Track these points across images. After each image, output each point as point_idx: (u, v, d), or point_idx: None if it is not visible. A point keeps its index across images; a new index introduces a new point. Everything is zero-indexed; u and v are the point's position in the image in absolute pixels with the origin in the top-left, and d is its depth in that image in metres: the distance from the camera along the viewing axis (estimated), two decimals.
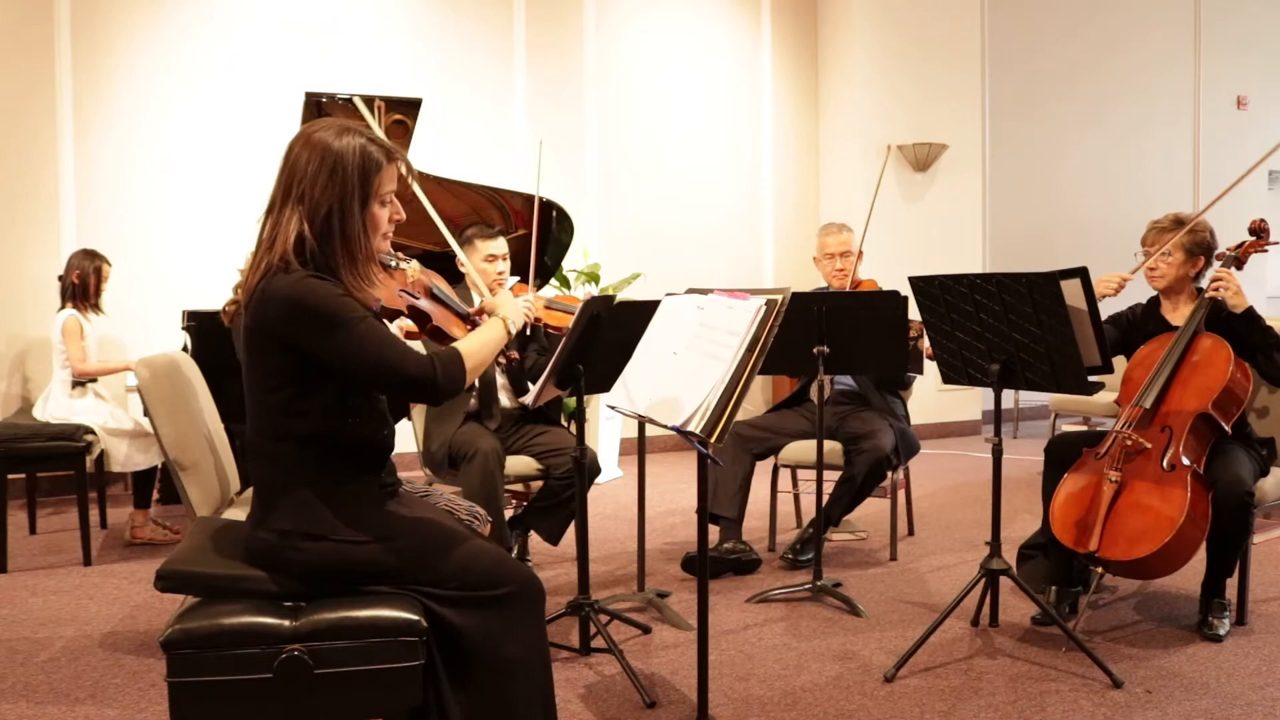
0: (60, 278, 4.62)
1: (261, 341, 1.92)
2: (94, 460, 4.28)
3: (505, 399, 3.86)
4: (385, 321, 2.02)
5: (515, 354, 3.66)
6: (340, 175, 1.89)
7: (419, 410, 3.88)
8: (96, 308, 4.61)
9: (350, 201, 1.90)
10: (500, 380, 3.85)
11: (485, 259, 3.82)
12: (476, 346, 2.02)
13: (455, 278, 4.16)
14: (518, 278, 4.14)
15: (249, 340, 1.94)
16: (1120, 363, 3.34)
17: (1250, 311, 3.19)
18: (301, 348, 1.88)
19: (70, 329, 4.44)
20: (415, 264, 2.17)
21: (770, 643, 3.17)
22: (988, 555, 3.05)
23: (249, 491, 2.18)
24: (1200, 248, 3.34)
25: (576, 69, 6.85)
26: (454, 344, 1.99)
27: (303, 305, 1.85)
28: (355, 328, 1.86)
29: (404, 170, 2.01)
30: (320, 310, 1.85)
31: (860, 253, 4.27)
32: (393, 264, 2.11)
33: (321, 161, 1.89)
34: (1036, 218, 8.34)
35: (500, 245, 3.84)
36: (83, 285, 4.53)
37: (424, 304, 2.14)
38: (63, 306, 4.54)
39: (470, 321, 2.29)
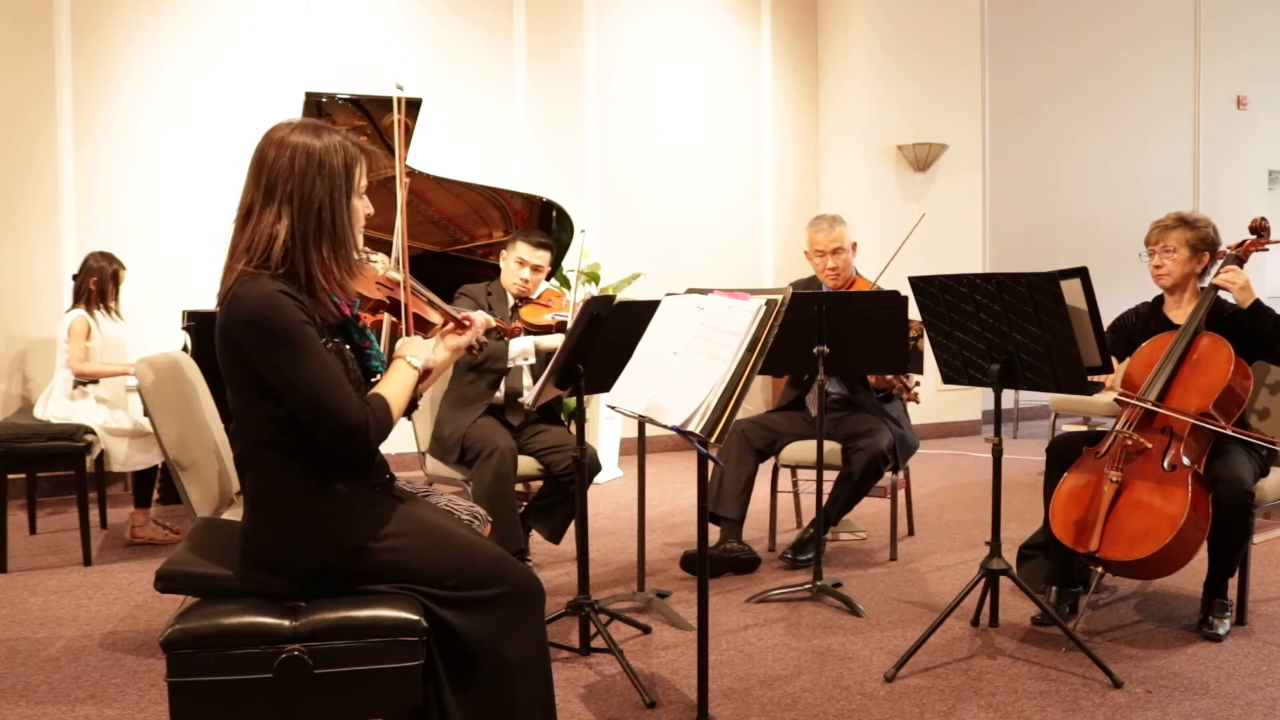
0: (74, 277, 4.62)
1: (231, 353, 1.89)
2: (94, 460, 4.28)
3: (529, 396, 3.86)
4: (352, 334, 2.03)
5: (518, 326, 3.67)
6: (328, 169, 1.91)
7: (431, 398, 3.89)
8: (108, 310, 4.59)
9: (339, 194, 1.92)
10: (527, 380, 3.86)
11: (516, 260, 3.88)
12: (396, 391, 1.98)
13: (457, 279, 4.17)
14: (552, 283, 4.16)
15: (220, 350, 1.91)
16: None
17: (1258, 304, 3.18)
18: (252, 359, 1.85)
19: (76, 329, 4.44)
20: (382, 258, 2.21)
21: (770, 643, 3.17)
22: (988, 555, 3.05)
23: None
24: (1204, 243, 3.34)
25: (576, 69, 6.85)
26: (378, 392, 1.95)
27: (261, 317, 1.82)
28: (306, 355, 1.83)
29: (371, 166, 2.03)
30: (277, 326, 1.82)
31: (854, 244, 4.18)
32: (359, 259, 2.14)
33: (308, 159, 1.89)
34: (1036, 218, 8.34)
35: (537, 255, 3.88)
36: (100, 289, 4.52)
37: (399, 294, 2.16)
38: (74, 306, 4.53)
39: (442, 311, 2.28)
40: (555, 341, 3.75)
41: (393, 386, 1.98)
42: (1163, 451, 3.05)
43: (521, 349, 3.79)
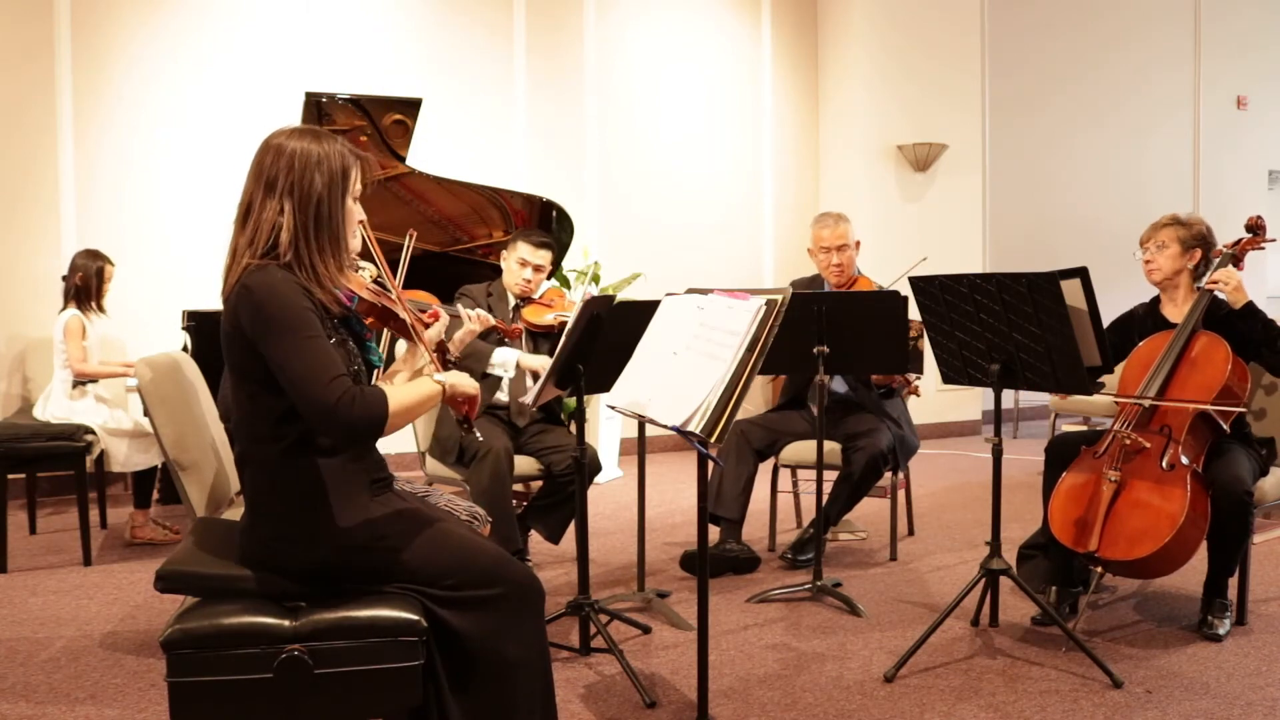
0: (64, 278, 4.62)
1: (237, 345, 1.91)
2: (94, 460, 4.28)
3: (530, 396, 3.86)
4: (347, 331, 2.04)
5: (519, 327, 3.72)
6: (328, 168, 1.96)
7: None
8: (99, 308, 4.60)
9: (337, 192, 1.97)
10: (529, 382, 3.85)
11: (518, 261, 3.86)
12: (404, 394, 1.94)
13: (457, 279, 4.18)
14: (553, 283, 4.16)
15: (226, 345, 1.94)
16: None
17: (1250, 306, 3.18)
18: (256, 347, 1.87)
19: (72, 329, 4.44)
20: (369, 267, 2.21)
21: (770, 643, 3.17)
22: (988, 555, 3.05)
23: None
24: (1196, 240, 3.34)
25: (576, 69, 6.85)
26: (387, 391, 1.92)
27: (267, 303, 1.85)
28: (304, 338, 1.84)
29: (365, 174, 2.07)
30: (281, 312, 1.85)
31: (858, 243, 4.17)
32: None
33: (308, 158, 1.94)
34: (1036, 218, 8.34)
35: (539, 255, 3.86)
36: (85, 286, 4.52)
37: (385, 301, 2.17)
38: (65, 307, 4.53)
39: (423, 323, 2.28)
40: (538, 361, 3.72)
41: (404, 390, 1.97)
42: (1161, 451, 3.05)
43: (503, 360, 3.73)
